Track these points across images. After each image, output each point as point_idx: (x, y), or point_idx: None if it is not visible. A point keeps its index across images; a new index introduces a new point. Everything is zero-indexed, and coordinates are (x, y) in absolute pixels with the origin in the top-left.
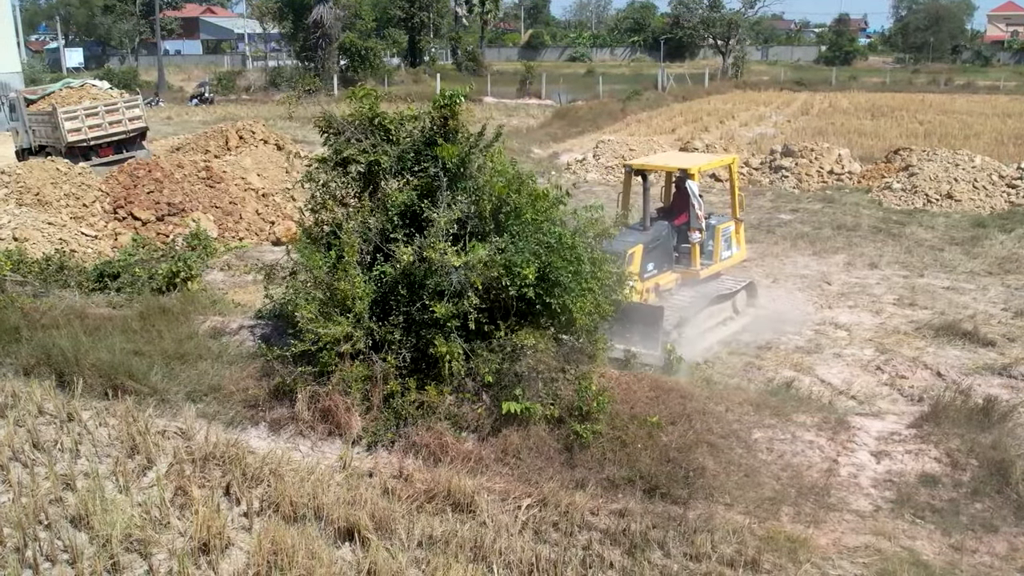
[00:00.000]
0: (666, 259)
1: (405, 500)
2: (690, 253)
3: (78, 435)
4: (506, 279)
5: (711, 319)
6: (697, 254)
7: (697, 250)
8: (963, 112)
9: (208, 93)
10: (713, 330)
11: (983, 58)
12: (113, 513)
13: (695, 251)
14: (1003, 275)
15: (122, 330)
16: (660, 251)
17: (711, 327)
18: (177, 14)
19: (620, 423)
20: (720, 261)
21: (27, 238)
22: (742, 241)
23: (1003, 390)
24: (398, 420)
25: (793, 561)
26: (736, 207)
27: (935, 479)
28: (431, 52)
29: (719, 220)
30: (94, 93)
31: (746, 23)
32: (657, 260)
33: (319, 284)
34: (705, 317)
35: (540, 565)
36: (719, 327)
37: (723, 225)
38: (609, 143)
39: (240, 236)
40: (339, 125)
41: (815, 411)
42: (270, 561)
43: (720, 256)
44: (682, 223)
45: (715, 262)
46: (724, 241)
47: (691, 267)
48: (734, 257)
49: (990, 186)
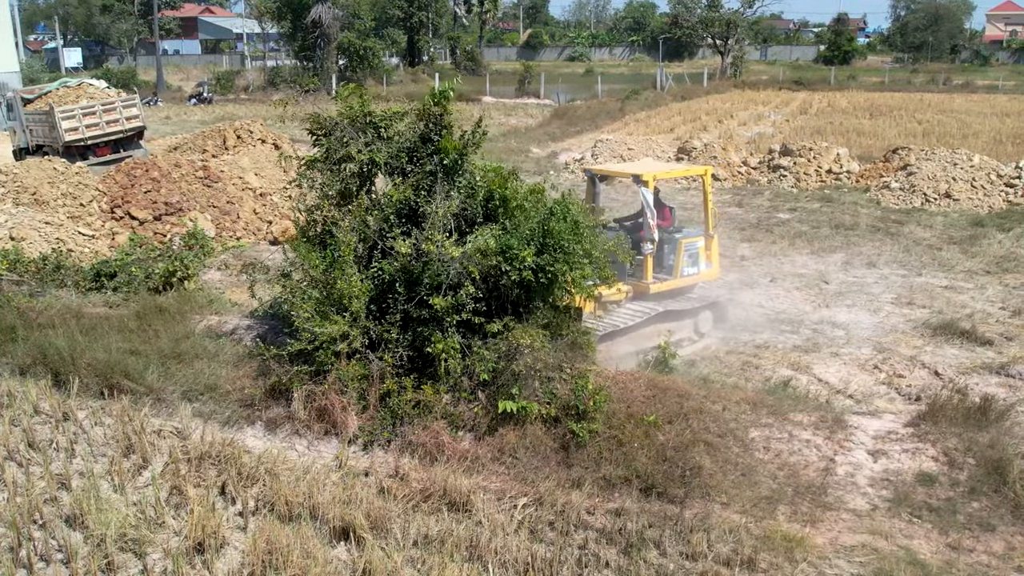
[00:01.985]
0: (616, 269)
1: (401, 499)
2: (643, 265)
3: (73, 434)
4: (505, 265)
5: (659, 337)
6: (650, 266)
7: (650, 262)
8: (961, 111)
9: (207, 93)
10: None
11: (982, 57)
12: (108, 512)
13: (647, 263)
14: (1001, 274)
15: (118, 329)
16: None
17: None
18: (175, 14)
19: (617, 422)
20: (681, 277)
21: (24, 237)
22: (714, 259)
23: (1000, 389)
24: (394, 419)
25: (789, 560)
26: (709, 221)
27: (932, 478)
28: (430, 52)
29: (687, 234)
30: (91, 93)
31: (745, 23)
32: None
33: (315, 283)
34: (651, 334)
35: (535, 564)
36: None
37: (688, 240)
38: (607, 142)
39: (238, 235)
40: (329, 125)
41: (812, 410)
42: (265, 560)
43: (681, 272)
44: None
45: (675, 278)
46: (689, 257)
47: (643, 280)
48: (701, 275)
49: (988, 185)
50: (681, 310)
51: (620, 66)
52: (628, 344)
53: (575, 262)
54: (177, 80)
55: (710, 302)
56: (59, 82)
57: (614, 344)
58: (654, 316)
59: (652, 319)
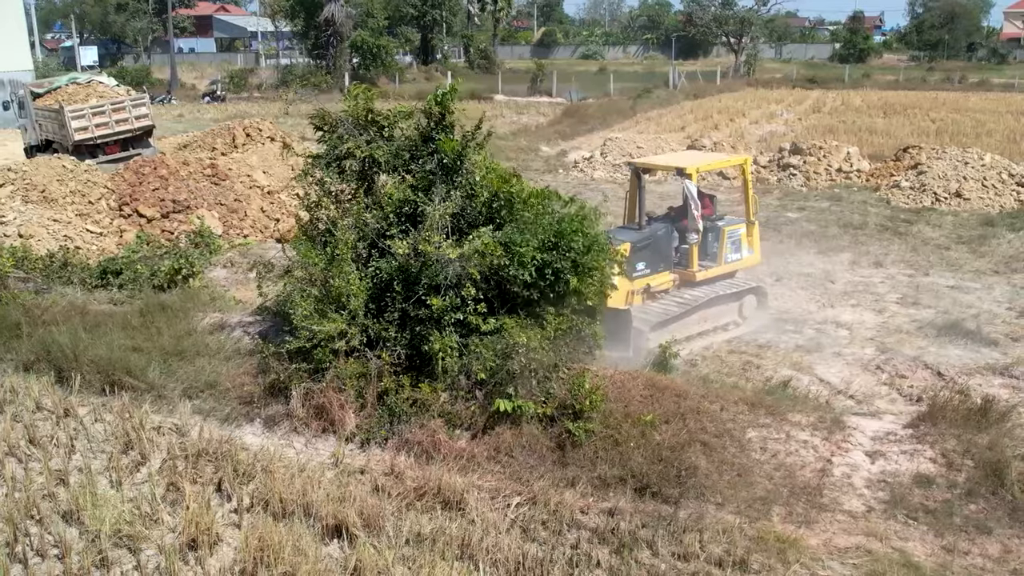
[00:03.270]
0: (662, 259)
1: (395, 497)
2: (688, 254)
3: (74, 431)
4: (512, 268)
5: (707, 322)
6: (695, 255)
7: (695, 251)
8: (976, 110)
9: (220, 91)
10: (710, 334)
11: (999, 55)
12: (103, 508)
13: (692, 252)
14: (1010, 274)
15: (122, 326)
16: (652, 251)
17: (708, 330)
18: (190, 12)
19: (614, 421)
20: (724, 264)
21: (32, 235)
22: (756, 245)
23: (1004, 390)
24: (392, 417)
25: (782, 562)
26: (749, 208)
27: (929, 480)
28: (443, 50)
29: (729, 222)
30: (101, 91)
31: (760, 21)
32: (650, 260)
33: (315, 281)
34: (698, 320)
35: (527, 564)
36: (719, 331)
37: (731, 227)
38: (616, 141)
39: (245, 233)
40: (333, 122)
41: (811, 410)
42: (256, 558)
43: (724, 259)
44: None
45: (719, 264)
46: (731, 244)
47: (688, 268)
48: (743, 261)
49: (999, 184)
50: (727, 295)
51: (634, 64)
52: (681, 329)
53: (583, 274)
54: (191, 78)
55: (754, 286)
56: (68, 77)
57: (665, 331)
58: (704, 302)
59: (702, 305)
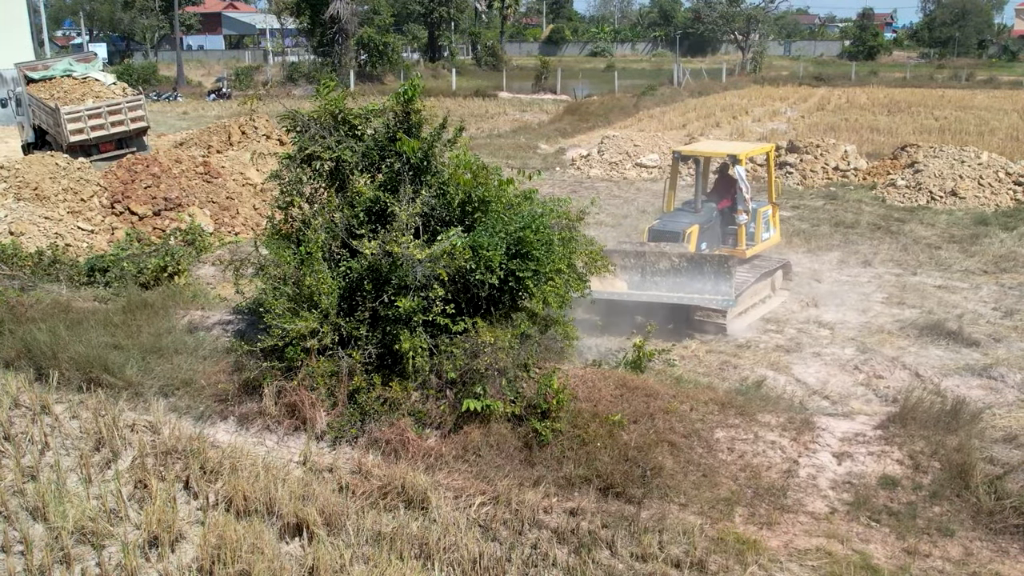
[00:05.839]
0: (716, 239)
1: (360, 496)
2: (736, 234)
3: (49, 427)
4: (478, 272)
5: (754, 296)
6: (743, 235)
7: (743, 231)
8: (981, 108)
9: (225, 88)
10: (756, 307)
11: (1010, 53)
12: (68, 505)
13: (741, 232)
14: (998, 274)
15: (104, 324)
16: (711, 232)
17: (754, 304)
18: (198, 9)
19: (582, 421)
20: (761, 242)
21: (23, 232)
22: (777, 224)
23: (980, 391)
24: (363, 416)
25: (740, 563)
26: (772, 191)
27: (895, 481)
28: (451, 47)
29: (758, 204)
30: (97, 91)
31: (768, 18)
32: (709, 240)
33: (287, 279)
34: (750, 295)
35: (483, 563)
36: (761, 304)
37: (763, 209)
38: (614, 139)
39: (236, 231)
40: (303, 122)
41: (782, 411)
42: (214, 555)
43: (760, 238)
44: (724, 206)
45: (757, 243)
46: (764, 223)
47: (737, 247)
48: (772, 239)
49: (996, 183)
50: (771, 269)
51: (641, 61)
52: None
53: (544, 275)
54: (199, 75)
55: (785, 261)
56: (64, 63)
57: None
58: (766, 271)
59: (763, 275)
